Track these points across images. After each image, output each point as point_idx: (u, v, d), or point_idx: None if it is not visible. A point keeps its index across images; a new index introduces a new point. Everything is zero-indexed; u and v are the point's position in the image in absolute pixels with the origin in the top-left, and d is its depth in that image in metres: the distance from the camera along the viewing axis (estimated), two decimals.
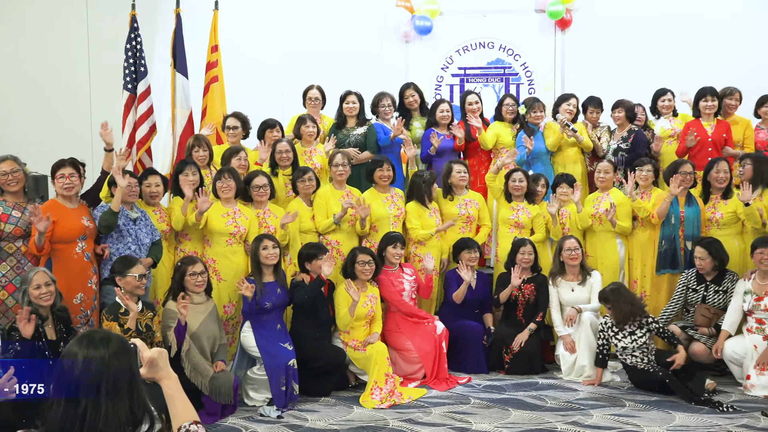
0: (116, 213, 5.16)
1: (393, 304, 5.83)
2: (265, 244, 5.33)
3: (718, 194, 6.03)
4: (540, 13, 8.66)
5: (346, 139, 6.77)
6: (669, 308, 5.82)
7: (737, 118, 6.81)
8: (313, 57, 8.60)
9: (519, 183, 6.32)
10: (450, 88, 8.80)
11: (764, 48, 8.32)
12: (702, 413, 4.83)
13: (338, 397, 5.29)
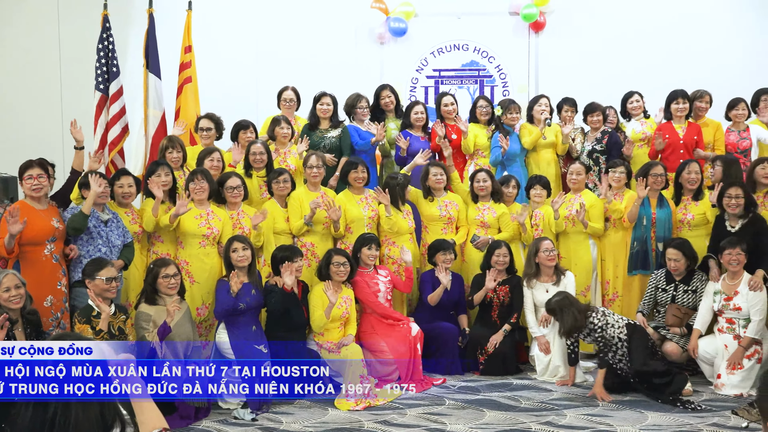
0: (87, 216, 5.11)
1: (368, 306, 5.83)
2: (234, 247, 5.32)
3: (690, 195, 6.11)
4: (514, 16, 8.73)
5: (321, 141, 6.75)
6: (640, 308, 5.88)
7: (708, 121, 6.91)
8: (288, 58, 8.59)
9: (483, 183, 6.35)
10: (425, 89, 8.83)
11: (735, 52, 8.46)
12: (674, 412, 4.89)
13: (313, 399, 5.27)
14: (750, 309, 5.33)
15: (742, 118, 6.80)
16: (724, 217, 5.75)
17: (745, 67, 8.28)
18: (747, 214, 5.65)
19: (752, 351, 5.31)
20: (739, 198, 5.62)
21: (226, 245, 5.37)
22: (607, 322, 5.35)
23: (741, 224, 5.67)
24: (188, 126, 6.99)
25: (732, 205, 5.62)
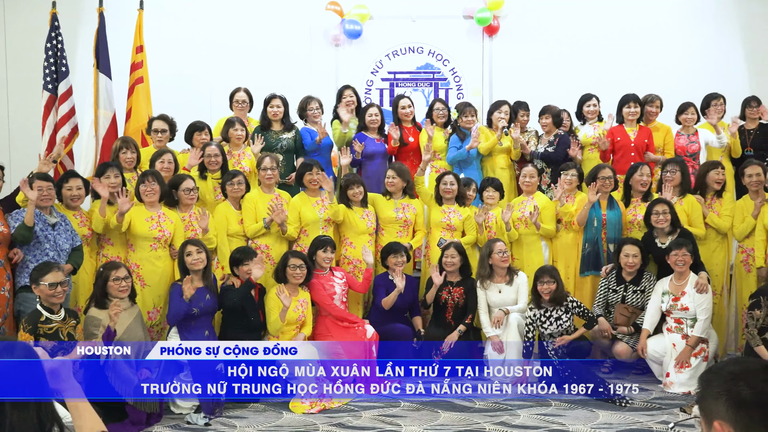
0: (30, 227, 5.02)
1: (324, 309, 5.83)
2: (188, 250, 5.29)
3: (639, 197, 6.26)
4: (468, 19, 8.82)
5: (277, 142, 6.74)
6: (599, 312, 5.98)
7: (658, 125, 7.08)
8: (242, 59, 8.55)
9: (450, 186, 6.41)
10: (380, 92, 8.87)
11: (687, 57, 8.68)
12: (625, 411, 5.00)
13: (267, 403, 5.25)
14: (696, 309, 5.49)
15: (691, 122, 6.99)
16: (653, 234, 5.92)
17: (696, 72, 8.48)
18: (675, 229, 5.83)
19: (699, 349, 5.47)
20: (666, 214, 5.80)
21: (180, 249, 5.33)
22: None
23: (670, 240, 5.85)
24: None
25: (660, 221, 5.80)
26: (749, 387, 1.69)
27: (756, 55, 8.72)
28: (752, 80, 8.54)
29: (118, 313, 4.73)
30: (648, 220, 5.93)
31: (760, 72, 8.61)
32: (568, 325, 5.66)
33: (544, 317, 5.69)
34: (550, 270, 5.79)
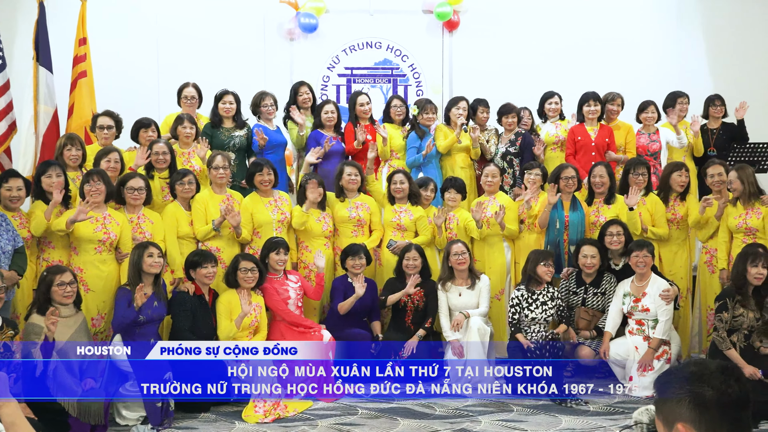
0: None
1: (278, 314, 5.77)
2: (151, 251, 5.19)
3: (602, 198, 6.32)
4: (428, 14, 8.82)
5: (230, 141, 6.66)
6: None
7: (619, 123, 7.16)
8: (192, 52, 8.44)
9: (400, 185, 6.39)
10: (336, 88, 8.83)
11: (649, 55, 8.81)
12: (587, 415, 5.04)
13: (218, 413, 5.17)
14: (657, 310, 5.57)
15: (651, 120, 7.09)
16: (607, 255, 6.00)
17: (658, 70, 8.64)
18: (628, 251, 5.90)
19: (661, 351, 5.55)
20: (620, 235, 5.88)
21: (140, 250, 5.19)
22: None
23: (624, 262, 5.95)
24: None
25: (614, 242, 5.88)
26: (712, 388, 1.71)
27: (718, 53, 8.89)
28: (714, 79, 8.70)
29: (56, 321, 4.59)
30: (602, 240, 5.99)
31: (722, 71, 8.79)
32: (551, 314, 5.76)
33: (531, 299, 5.76)
34: (551, 253, 5.90)
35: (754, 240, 5.76)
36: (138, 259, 5.18)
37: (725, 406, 1.70)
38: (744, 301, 5.21)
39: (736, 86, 8.35)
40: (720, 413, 1.69)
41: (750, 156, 6.85)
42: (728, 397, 1.70)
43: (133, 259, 5.21)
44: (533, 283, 5.79)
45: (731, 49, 8.85)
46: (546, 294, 5.80)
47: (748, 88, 8.49)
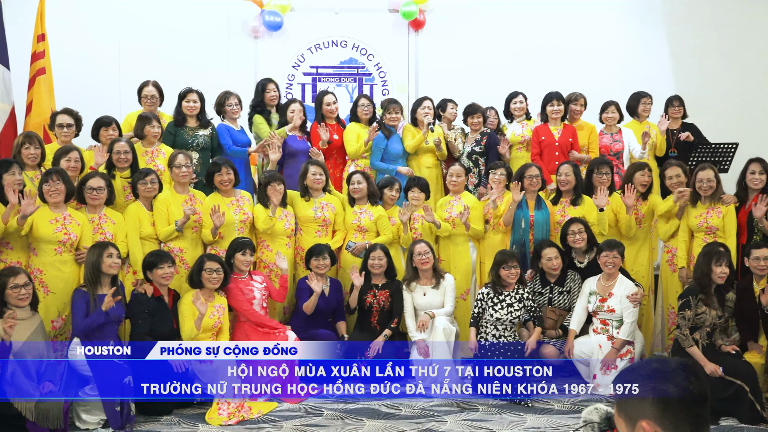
0: None
1: (242, 314, 5.73)
2: (110, 252, 5.12)
3: (567, 198, 6.38)
4: (394, 13, 8.84)
5: (193, 140, 6.61)
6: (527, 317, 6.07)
7: (583, 123, 7.25)
8: (154, 50, 8.36)
9: (358, 185, 6.39)
10: (302, 87, 8.81)
11: (614, 55, 8.93)
12: (552, 414, 5.09)
13: (181, 415, 5.13)
14: (623, 311, 5.64)
15: (613, 121, 7.19)
16: (571, 254, 6.07)
17: (621, 71, 8.75)
18: (591, 248, 5.98)
19: (625, 351, 5.62)
20: (582, 233, 5.95)
21: (98, 250, 5.12)
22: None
23: (588, 259, 6.01)
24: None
25: (577, 240, 5.95)
26: (675, 385, 1.73)
27: (680, 54, 9.04)
28: (677, 79, 8.85)
29: (13, 325, 4.51)
30: (564, 240, 6.06)
31: (684, 71, 8.94)
32: (517, 316, 5.78)
33: (497, 299, 5.80)
34: (515, 254, 5.93)
35: (714, 239, 5.85)
36: (97, 260, 5.10)
37: (688, 402, 1.72)
38: (707, 299, 5.29)
39: (698, 87, 8.52)
40: (683, 409, 1.72)
41: (711, 156, 6.96)
42: (691, 393, 1.72)
43: (91, 259, 5.12)
44: (499, 284, 5.84)
45: (693, 50, 9.01)
46: (513, 295, 5.84)
47: (709, 89, 8.68)
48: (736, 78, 8.97)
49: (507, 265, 5.80)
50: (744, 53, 9.00)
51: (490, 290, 5.85)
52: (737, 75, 8.98)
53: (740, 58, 9.00)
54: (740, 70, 8.98)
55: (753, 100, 8.89)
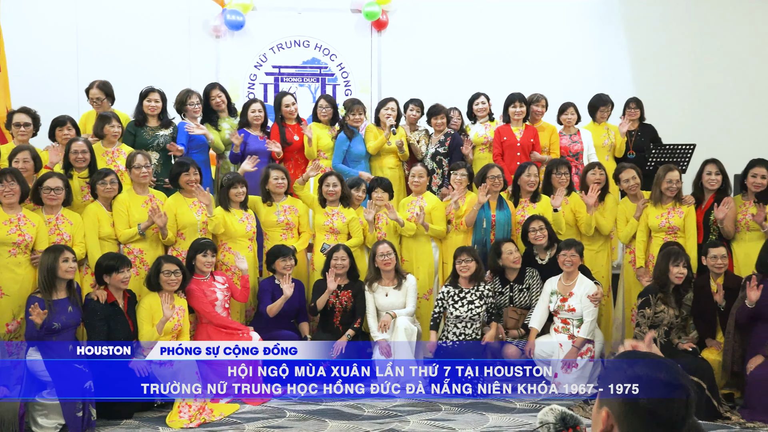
0: None
1: (204, 316, 5.69)
2: (66, 256, 5.03)
3: (528, 197, 6.45)
4: (356, 13, 8.85)
5: (154, 140, 6.54)
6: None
7: (544, 124, 7.32)
8: (114, 48, 8.27)
9: (333, 188, 6.38)
10: (264, 87, 8.78)
11: (576, 57, 9.03)
12: (513, 413, 5.14)
13: (142, 419, 5.08)
14: (583, 310, 5.71)
15: (571, 122, 7.29)
16: (532, 251, 6.13)
17: (583, 72, 8.86)
18: (552, 244, 6.06)
19: (585, 349, 5.69)
20: (542, 230, 6.03)
21: (54, 253, 5.02)
22: None
23: (549, 255, 6.09)
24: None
25: (538, 237, 6.02)
26: (647, 399, 1.74)
27: (638, 56, 9.18)
28: (635, 81, 8.99)
29: None
30: (525, 237, 6.12)
31: (642, 73, 9.09)
32: (478, 313, 5.84)
33: (457, 297, 5.87)
34: (470, 249, 5.98)
35: (675, 239, 5.95)
36: (53, 264, 4.99)
37: (653, 419, 1.72)
38: (665, 298, 5.39)
39: (656, 89, 8.66)
40: (645, 423, 1.73)
41: (669, 157, 7.08)
42: (659, 413, 1.72)
43: (47, 263, 5.00)
44: (459, 280, 5.89)
45: (651, 52, 9.16)
46: (474, 292, 5.89)
47: (667, 91, 8.83)
48: (693, 80, 9.14)
49: (459, 258, 5.92)
50: (700, 56, 9.17)
51: (450, 288, 5.90)
52: (694, 77, 9.15)
53: (697, 60, 9.17)
54: (696, 72, 9.15)
55: (709, 101, 9.06)
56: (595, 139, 7.29)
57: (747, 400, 5.22)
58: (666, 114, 7.97)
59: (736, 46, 9.13)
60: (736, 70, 9.10)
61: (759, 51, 9.11)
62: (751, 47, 9.11)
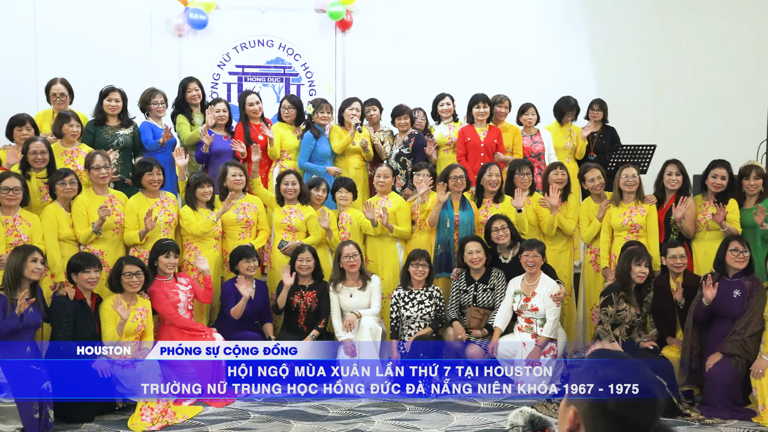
0: None
1: (167, 318, 5.65)
2: (35, 257, 4.97)
3: (491, 198, 6.50)
4: (320, 13, 8.85)
5: (113, 139, 6.47)
6: (453, 316, 6.14)
7: (507, 125, 7.38)
8: (74, 47, 8.15)
9: (291, 186, 6.37)
10: (227, 86, 8.73)
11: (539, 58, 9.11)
12: (478, 412, 5.18)
13: (103, 422, 5.02)
14: (546, 309, 5.78)
15: (531, 122, 7.36)
16: (496, 250, 6.20)
17: (546, 73, 8.94)
18: (515, 243, 6.13)
19: (548, 348, 5.76)
20: (505, 229, 6.09)
21: (22, 253, 4.96)
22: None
23: (512, 254, 6.16)
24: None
25: (501, 236, 6.09)
26: (616, 401, 1.76)
27: (600, 58, 9.29)
28: (597, 82, 9.11)
29: None
30: (488, 236, 6.17)
31: (603, 74, 9.20)
32: (427, 313, 5.92)
33: (408, 298, 5.95)
34: (426, 254, 6.04)
35: (637, 237, 6.05)
36: (20, 264, 4.93)
37: (619, 425, 1.75)
38: (627, 296, 5.48)
39: (617, 90, 8.78)
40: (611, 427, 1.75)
41: (630, 158, 7.19)
42: (624, 422, 1.74)
43: (13, 262, 4.95)
44: (410, 281, 5.97)
45: (613, 54, 9.28)
46: (424, 293, 5.95)
47: (628, 93, 8.95)
48: (654, 82, 9.29)
49: (415, 262, 5.99)
50: (661, 58, 9.31)
51: (400, 290, 6.00)
52: (654, 79, 9.30)
53: (658, 62, 9.31)
54: (657, 73, 9.30)
55: (669, 103, 9.21)
56: (556, 140, 7.37)
57: (705, 397, 5.32)
58: (627, 115, 8.08)
59: (696, 48, 9.28)
60: (697, 72, 9.25)
61: (719, 53, 9.27)
62: (712, 49, 9.27)
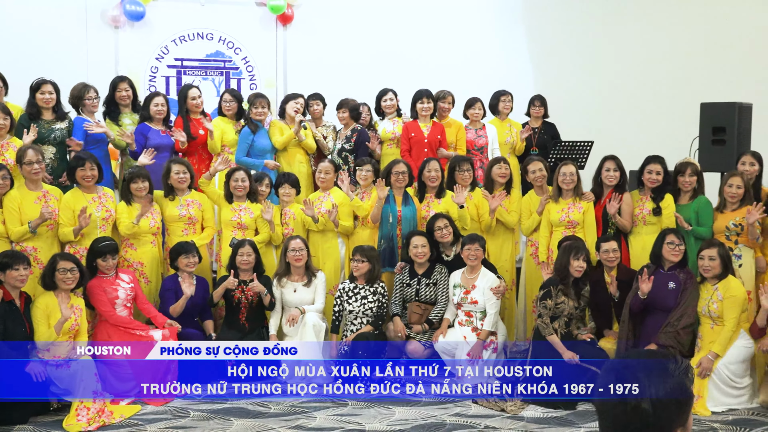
0: None
1: (102, 315, 5.58)
2: None
3: (432, 193, 6.58)
4: (261, 7, 8.81)
5: (50, 133, 6.34)
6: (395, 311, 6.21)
7: (451, 121, 7.47)
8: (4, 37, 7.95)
9: (241, 183, 6.35)
10: (166, 80, 8.63)
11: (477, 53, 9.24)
12: (419, 406, 5.25)
13: (37, 423, 4.93)
14: (486, 302, 5.89)
15: (478, 117, 7.47)
16: (438, 248, 6.29)
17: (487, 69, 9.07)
18: (457, 240, 6.24)
19: (489, 341, 5.87)
20: (447, 228, 6.19)
21: None
22: None
23: (455, 251, 6.27)
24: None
25: (444, 235, 6.19)
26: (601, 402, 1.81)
27: (539, 53, 9.47)
28: (536, 78, 9.28)
29: None
30: (431, 235, 6.25)
31: (543, 70, 9.38)
32: (369, 308, 5.98)
33: (352, 292, 6.02)
34: (365, 250, 6.07)
35: (574, 233, 6.19)
36: None
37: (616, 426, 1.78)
38: (565, 290, 5.61)
39: (556, 86, 8.95)
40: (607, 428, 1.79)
41: (569, 153, 7.35)
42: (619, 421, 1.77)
43: None
44: (353, 277, 6.05)
45: (551, 50, 9.46)
46: (368, 288, 6.01)
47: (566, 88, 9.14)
48: (591, 78, 9.48)
49: (353, 257, 6.08)
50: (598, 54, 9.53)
51: (347, 284, 6.07)
52: (592, 75, 9.50)
53: (595, 58, 9.52)
54: (594, 70, 9.51)
55: (607, 99, 9.42)
56: (499, 135, 7.50)
57: None
58: (566, 111, 8.24)
59: (632, 45, 9.51)
60: (633, 69, 9.49)
61: (654, 50, 9.52)
62: (646, 46, 9.51)
